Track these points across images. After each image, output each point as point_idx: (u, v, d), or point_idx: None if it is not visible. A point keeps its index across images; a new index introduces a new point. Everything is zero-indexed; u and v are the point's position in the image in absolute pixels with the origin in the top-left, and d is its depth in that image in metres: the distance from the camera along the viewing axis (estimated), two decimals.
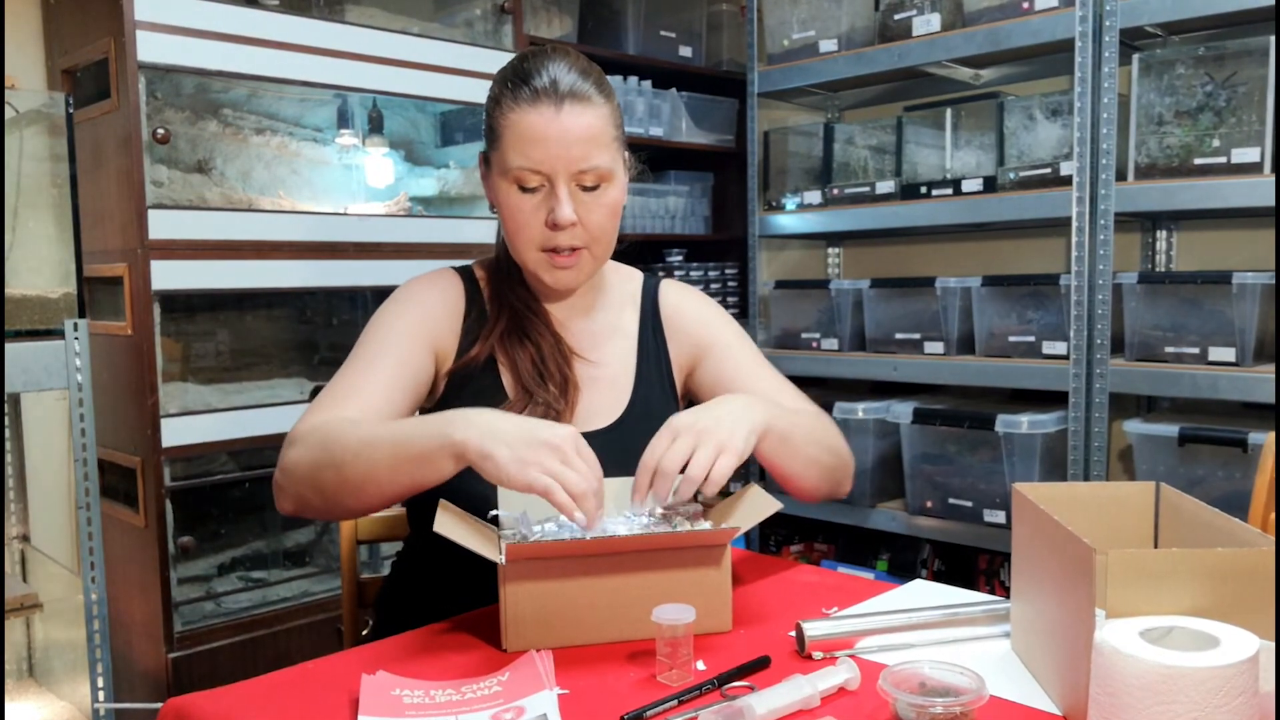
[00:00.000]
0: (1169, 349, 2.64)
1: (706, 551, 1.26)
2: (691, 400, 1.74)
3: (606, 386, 1.64)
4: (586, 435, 1.53)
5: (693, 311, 1.74)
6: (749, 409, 1.41)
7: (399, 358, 1.52)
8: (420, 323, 1.57)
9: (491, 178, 1.54)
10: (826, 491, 1.58)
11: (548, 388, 1.56)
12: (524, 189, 1.48)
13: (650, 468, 1.32)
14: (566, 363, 1.60)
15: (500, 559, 1.21)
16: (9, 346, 2.13)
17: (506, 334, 1.60)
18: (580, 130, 1.46)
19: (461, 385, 1.59)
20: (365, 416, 1.44)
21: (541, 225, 1.49)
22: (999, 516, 2.91)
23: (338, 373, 1.52)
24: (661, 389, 1.68)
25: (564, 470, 1.22)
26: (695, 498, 1.36)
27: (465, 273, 1.67)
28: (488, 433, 1.25)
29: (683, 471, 1.31)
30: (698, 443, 1.31)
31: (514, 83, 1.49)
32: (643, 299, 1.73)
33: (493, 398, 1.57)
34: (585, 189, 1.49)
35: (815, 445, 1.52)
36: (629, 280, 1.75)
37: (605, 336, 1.68)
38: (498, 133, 1.50)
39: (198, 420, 2.56)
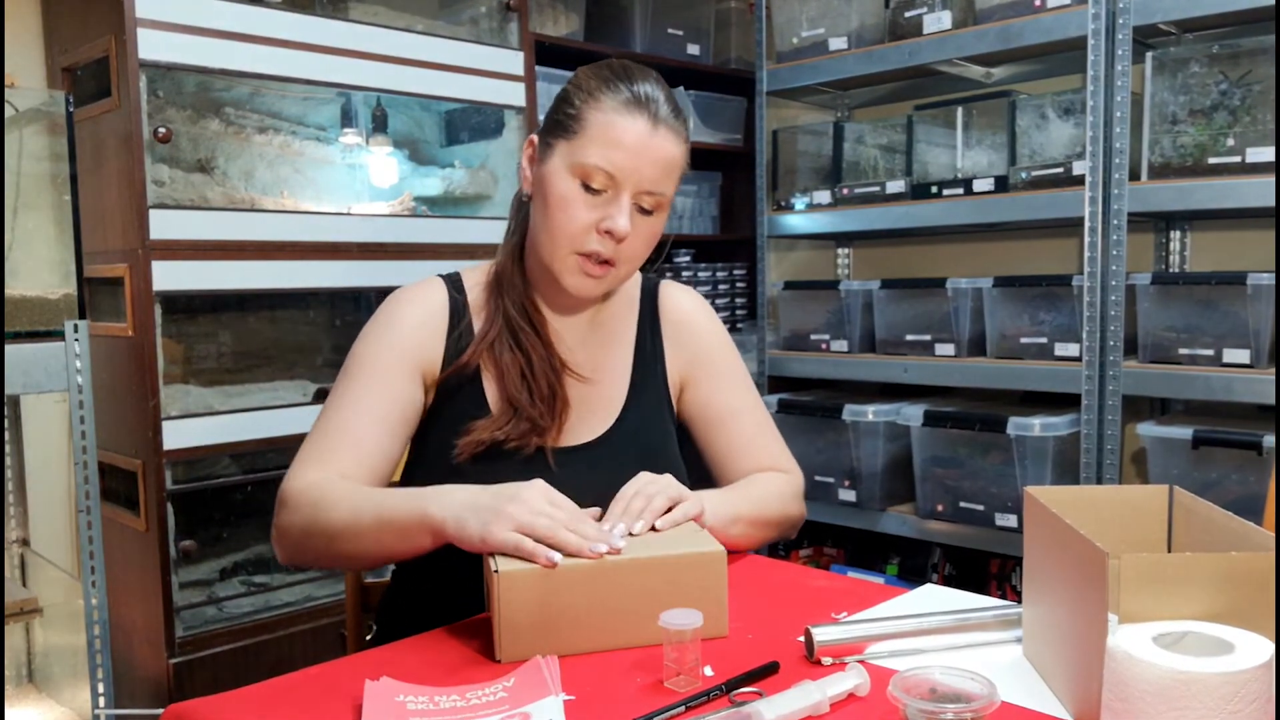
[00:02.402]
0: (1183, 351, 2.61)
1: (703, 556, 1.25)
2: (680, 419, 1.72)
3: (598, 400, 1.61)
4: (572, 449, 1.56)
5: (698, 324, 1.72)
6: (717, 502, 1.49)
7: (384, 396, 1.50)
8: (403, 351, 1.53)
9: (548, 163, 1.50)
10: (759, 546, 1.64)
11: (534, 403, 1.52)
12: (587, 187, 1.46)
13: (626, 497, 1.37)
14: (557, 377, 1.56)
15: (496, 568, 1.20)
16: (9, 348, 2.12)
17: (497, 341, 1.56)
18: (666, 155, 1.47)
19: (447, 395, 1.56)
20: (357, 470, 1.46)
21: (590, 226, 1.46)
22: (1011, 520, 2.89)
23: (324, 412, 1.51)
24: (656, 398, 1.65)
25: (532, 519, 1.23)
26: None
27: (453, 282, 1.62)
28: (462, 507, 1.28)
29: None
30: (681, 497, 1.38)
31: (615, 84, 1.48)
32: (642, 300, 1.70)
33: (475, 410, 1.54)
34: (641, 210, 1.48)
35: (754, 526, 1.57)
36: (629, 282, 1.71)
37: (602, 348, 1.65)
38: (583, 123, 1.46)
39: (199, 423, 2.55)
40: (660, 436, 1.64)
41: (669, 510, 1.36)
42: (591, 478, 1.45)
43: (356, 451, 1.47)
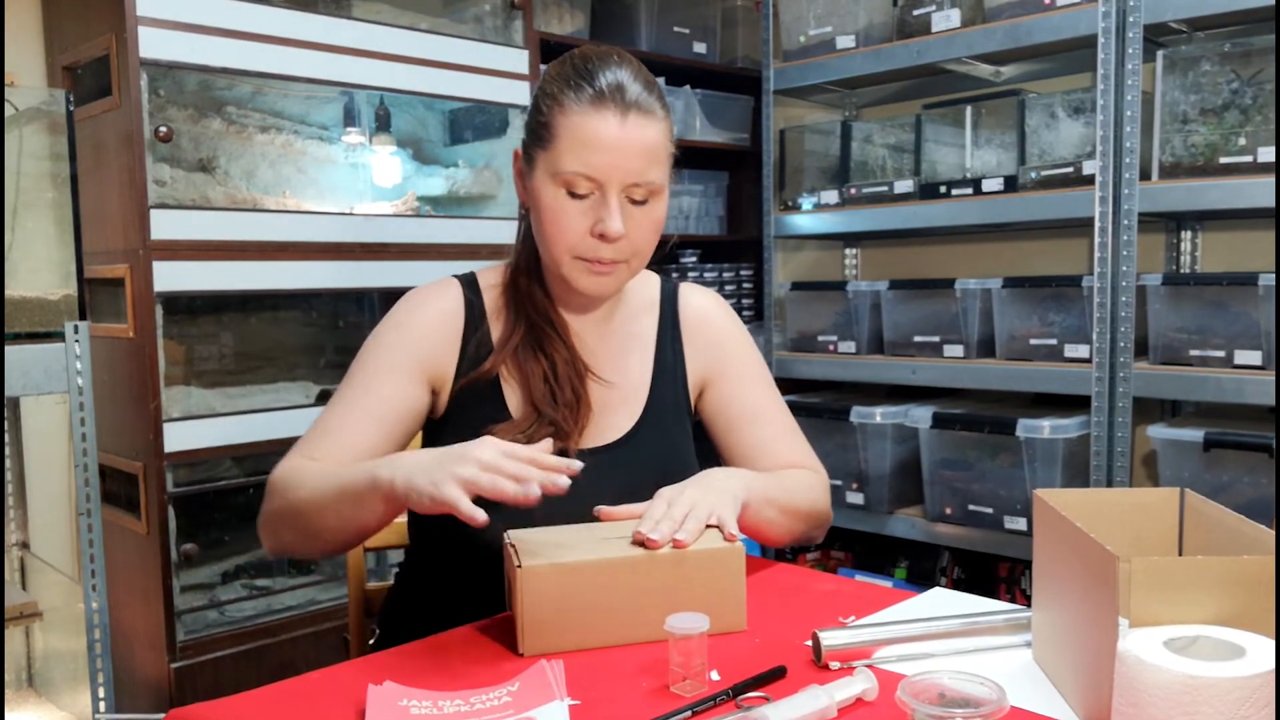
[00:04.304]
0: (1194, 352, 2.59)
1: (722, 551, 1.28)
2: (699, 420, 1.71)
3: (619, 401, 1.61)
4: (594, 450, 1.56)
5: (717, 324, 1.71)
6: (731, 481, 1.45)
7: (381, 395, 1.50)
8: (409, 352, 1.53)
9: (534, 176, 1.49)
10: (792, 544, 1.63)
11: (558, 407, 1.52)
12: (572, 194, 1.45)
13: (644, 533, 1.32)
14: (580, 380, 1.56)
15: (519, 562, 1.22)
16: (8, 349, 2.11)
17: (520, 347, 1.55)
18: (642, 143, 1.44)
19: (464, 402, 1.55)
20: (339, 458, 1.44)
21: (585, 232, 1.45)
22: (1020, 523, 2.87)
23: (326, 407, 1.53)
24: (675, 402, 1.65)
25: (476, 475, 1.19)
26: None
27: (469, 282, 1.62)
28: (410, 468, 1.25)
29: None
30: (690, 513, 1.33)
31: (577, 82, 1.45)
32: (661, 303, 1.70)
33: (495, 415, 1.53)
34: (634, 202, 1.46)
35: (787, 514, 1.54)
36: (647, 284, 1.71)
37: (622, 349, 1.64)
38: (553, 132, 1.45)
39: (201, 425, 2.54)
40: (679, 439, 1.64)
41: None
42: (612, 479, 1.45)
43: (344, 445, 1.46)
